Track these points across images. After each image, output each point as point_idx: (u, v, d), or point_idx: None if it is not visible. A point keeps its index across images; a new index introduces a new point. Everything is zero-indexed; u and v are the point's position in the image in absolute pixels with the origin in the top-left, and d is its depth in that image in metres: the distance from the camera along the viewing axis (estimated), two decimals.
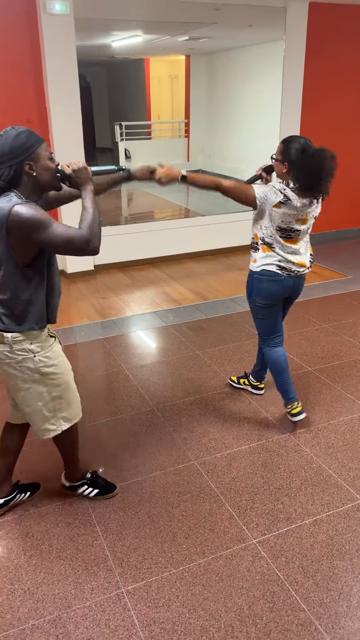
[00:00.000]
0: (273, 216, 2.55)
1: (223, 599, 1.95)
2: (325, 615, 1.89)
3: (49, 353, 2.06)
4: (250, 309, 2.88)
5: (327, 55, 5.90)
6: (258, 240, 2.66)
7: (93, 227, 1.86)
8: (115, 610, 1.92)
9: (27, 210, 1.79)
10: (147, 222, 6.89)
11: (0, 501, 2.34)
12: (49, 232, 1.81)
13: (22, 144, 1.84)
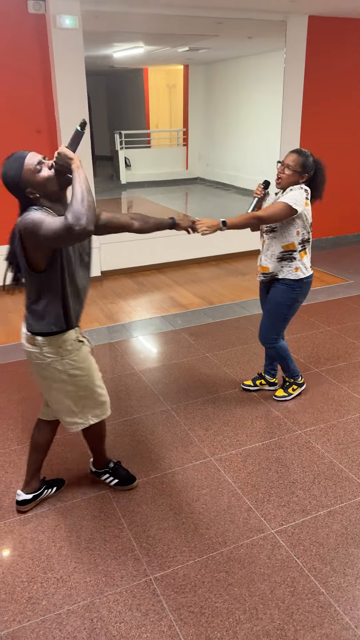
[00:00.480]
0: (306, 216, 2.76)
1: (246, 584, 2.07)
2: (343, 599, 2.00)
3: (76, 357, 2.17)
4: (275, 314, 3.01)
5: (327, 67, 6.07)
6: (295, 248, 2.83)
7: (76, 210, 1.74)
8: (145, 595, 2.03)
9: (31, 216, 1.85)
10: None
11: (30, 497, 2.45)
12: (43, 229, 1.81)
13: (11, 181, 1.91)
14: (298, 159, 2.69)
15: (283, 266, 2.86)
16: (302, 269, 2.89)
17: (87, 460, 2.75)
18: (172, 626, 1.91)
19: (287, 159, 2.73)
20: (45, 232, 1.82)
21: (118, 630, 1.90)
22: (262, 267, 2.98)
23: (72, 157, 1.85)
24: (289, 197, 2.70)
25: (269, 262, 2.89)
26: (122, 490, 2.57)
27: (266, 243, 2.89)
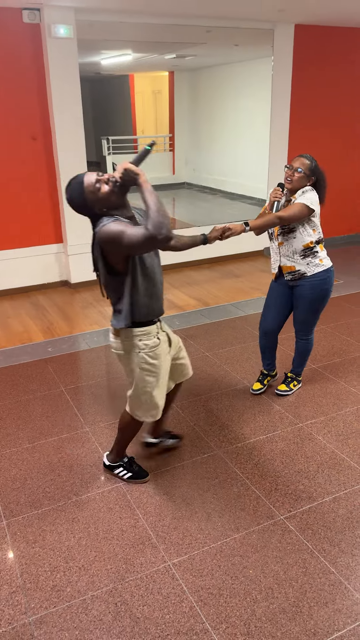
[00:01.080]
0: (318, 214, 2.93)
1: (261, 566, 2.18)
2: (353, 577, 2.12)
3: (151, 353, 2.36)
4: (313, 309, 3.14)
5: (313, 74, 6.26)
6: (313, 245, 2.98)
7: (156, 221, 1.94)
8: (165, 580, 2.13)
9: (109, 227, 2.05)
10: None
11: (154, 440, 2.85)
12: (126, 239, 2.02)
13: (78, 205, 2.13)
14: (307, 163, 2.85)
15: (309, 263, 3.00)
16: (324, 259, 3.06)
17: (97, 458, 2.85)
18: (193, 607, 2.01)
19: (297, 163, 2.87)
20: (129, 242, 2.01)
21: (142, 613, 1.99)
22: (286, 267, 3.07)
23: (139, 172, 2.04)
24: (305, 198, 2.86)
25: (293, 261, 3.01)
26: (134, 484, 2.66)
27: (284, 245, 3.01)
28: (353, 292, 5.30)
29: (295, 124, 6.33)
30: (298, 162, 2.87)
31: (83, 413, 3.30)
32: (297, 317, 3.21)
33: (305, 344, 3.30)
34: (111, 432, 3.09)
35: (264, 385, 3.49)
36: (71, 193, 2.13)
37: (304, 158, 2.88)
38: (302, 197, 2.88)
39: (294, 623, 1.94)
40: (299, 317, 3.19)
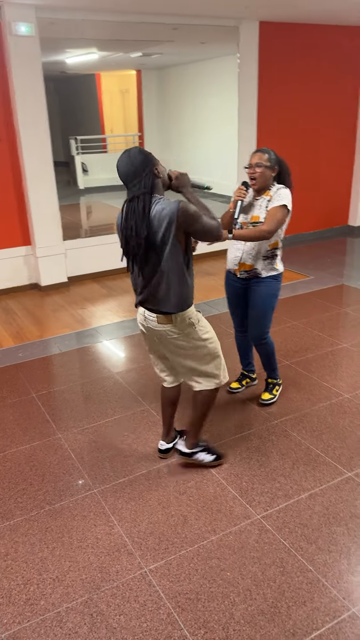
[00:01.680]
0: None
1: (238, 568, 2.16)
2: (330, 574, 2.12)
3: (203, 323, 2.50)
4: (266, 309, 3.09)
5: (279, 70, 6.27)
6: (278, 245, 2.97)
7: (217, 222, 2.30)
8: (141, 587, 2.09)
9: (189, 206, 2.21)
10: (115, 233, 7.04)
11: (170, 445, 2.81)
12: (203, 223, 2.24)
13: (147, 154, 2.23)
14: (263, 156, 2.82)
15: (266, 265, 2.96)
16: (279, 264, 3.04)
17: (70, 465, 2.79)
18: (171, 613, 1.98)
19: (254, 160, 2.84)
20: (203, 226, 2.25)
21: (118, 622, 1.95)
22: (246, 265, 2.99)
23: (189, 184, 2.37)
24: (282, 199, 2.82)
25: (254, 260, 2.96)
26: (108, 491, 2.61)
27: (250, 243, 2.95)
28: (323, 287, 5.34)
29: (263, 120, 6.34)
30: (256, 158, 2.83)
31: (55, 419, 3.24)
32: (253, 320, 3.14)
33: (265, 347, 3.21)
34: (85, 437, 3.04)
35: (242, 385, 3.47)
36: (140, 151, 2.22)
37: (260, 152, 2.85)
38: (279, 199, 2.83)
39: (273, 624, 1.92)
40: (255, 319, 3.12)
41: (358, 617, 1.93)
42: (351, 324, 4.47)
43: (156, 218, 2.20)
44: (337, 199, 7.42)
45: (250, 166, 2.85)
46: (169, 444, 2.83)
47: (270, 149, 2.90)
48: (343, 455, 2.80)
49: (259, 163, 2.82)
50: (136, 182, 2.19)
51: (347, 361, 3.82)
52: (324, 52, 6.50)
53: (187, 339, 2.43)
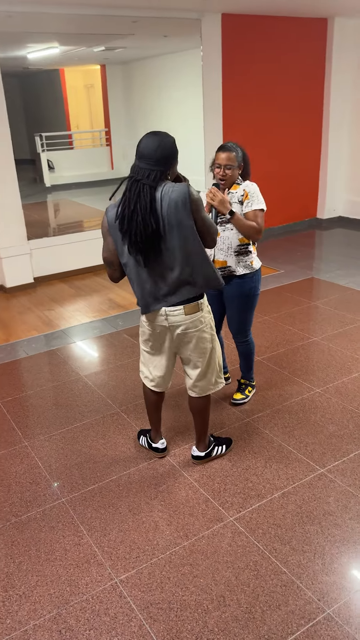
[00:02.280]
0: None
1: (211, 574, 2.10)
2: (304, 575, 2.08)
3: (208, 313, 2.46)
4: (244, 308, 3.03)
5: (243, 62, 6.22)
6: (248, 242, 2.89)
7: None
8: (112, 599, 2.02)
9: (195, 192, 2.16)
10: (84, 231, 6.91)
11: (162, 446, 2.79)
12: (205, 215, 2.21)
13: (173, 155, 2.17)
14: (232, 155, 2.75)
15: (240, 261, 2.89)
16: (255, 260, 2.96)
17: (38, 475, 2.70)
18: (142, 625, 1.91)
19: (223, 160, 2.74)
20: (205, 219, 2.22)
21: (88, 638, 1.88)
22: (219, 262, 2.91)
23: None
24: (259, 202, 2.79)
25: (226, 256, 2.89)
26: (77, 500, 2.53)
27: (220, 237, 2.87)
28: (293, 281, 5.33)
29: (228, 114, 6.29)
30: (224, 159, 2.75)
31: (21, 427, 3.13)
32: (231, 319, 3.10)
33: (246, 346, 3.18)
34: (52, 444, 2.94)
35: None
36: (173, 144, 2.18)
37: (227, 152, 2.75)
38: (256, 201, 2.79)
39: (247, 631, 1.88)
40: (232, 318, 3.08)
41: (333, 619, 1.90)
42: (321, 317, 4.47)
43: (164, 201, 2.11)
44: (306, 192, 7.43)
45: (220, 167, 2.78)
46: (163, 440, 2.83)
47: (234, 143, 2.83)
48: (315, 452, 2.78)
49: (229, 165, 2.76)
50: (149, 171, 2.11)
51: (318, 355, 3.81)
52: (288, 44, 6.48)
53: (208, 327, 2.43)
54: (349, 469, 2.63)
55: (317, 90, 6.98)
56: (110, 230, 2.25)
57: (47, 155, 11.41)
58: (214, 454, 2.74)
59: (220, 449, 2.77)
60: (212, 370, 2.53)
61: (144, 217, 2.10)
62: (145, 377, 2.64)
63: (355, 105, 7.10)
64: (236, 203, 2.80)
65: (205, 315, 2.41)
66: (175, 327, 2.37)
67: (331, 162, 7.31)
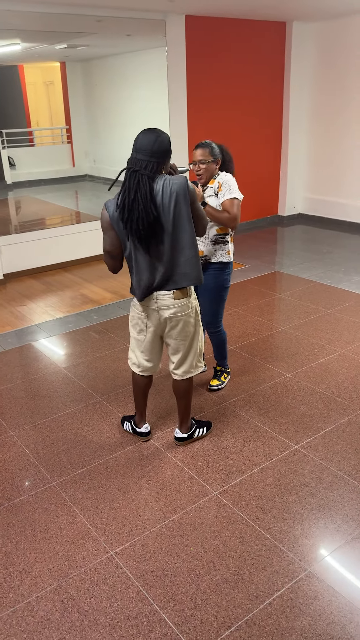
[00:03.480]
0: None
1: (200, 542, 2.26)
2: (286, 539, 2.27)
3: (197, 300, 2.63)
4: (216, 300, 3.17)
5: (207, 63, 6.41)
6: (227, 232, 3.03)
7: None
8: (109, 570, 2.15)
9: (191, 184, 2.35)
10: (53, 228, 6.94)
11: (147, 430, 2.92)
12: (198, 205, 2.41)
13: (169, 150, 2.33)
14: (205, 151, 2.90)
15: (217, 250, 3.05)
16: (231, 252, 3.11)
17: (26, 462, 2.79)
18: (140, 591, 2.05)
19: (198, 156, 2.90)
20: (199, 210, 2.42)
21: (90, 605, 2.00)
22: None
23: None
24: (232, 191, 2.91)
25: (203, 245, 3.04)
26: (67, 483, 2.64)
27: None
28: (259, 275, 5.55)
29: (193, 113, 6.46)
30: (198, 155, 2.90)
31: (5, 417, 3.20)
32: (202, 310, 3.21)
33: (218, 336, 3.33)
34: (38, 433, 3.03)
35: None
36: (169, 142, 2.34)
37: (201, 148, 2.90)
38: (229, 191, 2.92)
39: (237, 590, 2.04)
40: (204, 309, 3.19)
41: (314, 576, 2.09)
42: (287, 308, 4.70)
43: (164, 192, 2.28)
44: (267, 190, 7.70)
45: (194, 163, 2.93)
46: (147, 425, 2.95)
47: (211, 141, 2.99)
48: (289, 430, 2.98)
49: (202, 160, 2.90)
50: (146, 163, 2.28)
51: (286, 343, 4.02)
52: (249, 47, 6.70)
53: (194, 312, 2.57)
54: (320, 445, 2.84)
55: (277, 92, 7.25)
56: (112, 224, 2.38)
57: (7, 152, 11.29)
58: (195, 436, 2.90)
59: (201, 430, 2.93)
60: (193, 353, 2.68)
61: (145, 205, 2.25)
62: (133, 364, 2.78)
63: (312, 107, 7.40)
64: (213, 196, 2.96)
65: (192, 300, 2.57)
66: (165, 310, 2.51)
67: (291, 162, 7.60)
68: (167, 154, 2.34)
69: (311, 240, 6.89)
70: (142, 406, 2.90)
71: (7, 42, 7.80)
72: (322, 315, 4.48)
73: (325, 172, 7.53)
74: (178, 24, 6.02)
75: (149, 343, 2.67)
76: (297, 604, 1.98)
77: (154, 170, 2.30)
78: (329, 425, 3.01)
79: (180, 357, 2.68)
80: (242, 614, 1.95)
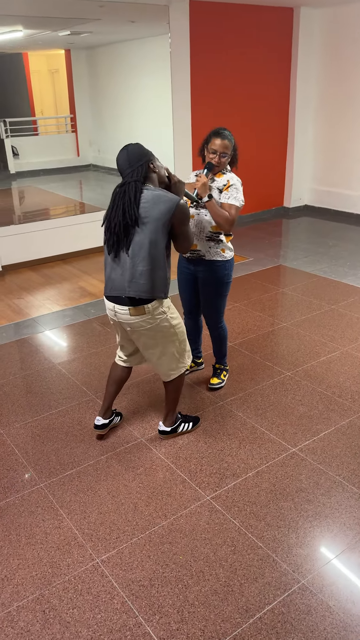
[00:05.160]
0: None
1: (190, 551, 2.17)
2: (279, 548, 2.17)
3: (172, 309, 2.58)
4: (217, 294, 3.07)
5: (211, 49, 6.24)
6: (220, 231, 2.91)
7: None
8: (93, 579, 2.07)
9: (186, 208, 2.40)
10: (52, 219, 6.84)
11: (106, 421, 2.84)
12: (188, 229, 2.48)
13: (143, 149, 2.38)
14: (227, 144, 2.79)
15: (211, 247, 2.93)
16: (227, 250, 2.99)
17: (14, 461, 2.71)
18: (125, 602, 1.97)
19: (219, 147, 2.78)
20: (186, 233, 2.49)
21: (72, 616, 1.92)
22: None
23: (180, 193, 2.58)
24: (238, 198, 2.84)
25: (197, 239, 2.92)
26: (55, 485, 2.56)
27: (195, 218, 2.91)
28: (262, 269, 5.43)
29: (197, 102, 6.30)
30: (222, 146, 2.78)
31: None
32: (204, 305, 3.15)
33: (219, 332, 3.24)
34: (28, 431, 2.95)
35: (188, 369, 3.47)
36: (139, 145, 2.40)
37: (226, 140, 2.79)
38: (235, 195, 2.83)
39: (226, 603, 1.95)
40: (205, 304, 3.12)
41: (307, 588, 1.99)
42: (289, 303, 4.57)
43: (150, 201, 2.32)
44: (273, 181, 7.54)
45: (215, 152, 2.80)
46: (106, 420, 2.86)
47: (225, 129, 2.86)
48: (287, 432, 2.87)
49: (224, 153, 2.81)
50: (130, 172, 2.35)
51: (287, 340, 3.91)
52: (254, 33, 6.52)
53: (159, 327, 2.51)
54: (319, 448, 2.74)
55: (284, 80, 7.07)
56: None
57: (11, 141, 11.17)
58: (179, 430, 2.86)
59: (187, 425, 2.88)
60: (168, 359, 2.64)
61: (125, 208, 2.33)
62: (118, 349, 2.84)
63: (320, 96, 7.22)
64: (216, 190, 2.85)
65: (155, 317, 2.48)
66: (124, 323, 2.53)
67: (297, 152, 7.43)
68: (144, 155, 2.37)
69: (317, 232, 6.74)
70: (108, 396, 2.85)
71: (8, 29, 7.66)
72: (326, 311, 4.36)
73: (333, 163, 7.36)
74: (182, 9, 5.85)
75: (122, 341, 2.75)
76: (288, 619, 1.89)
77: (140, 174, 2.36)
78: (329, 427, 2.91)
79: (153, 365, 2.70)
80: (230, 628, 1.86)
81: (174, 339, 2.59)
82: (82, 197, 10.00)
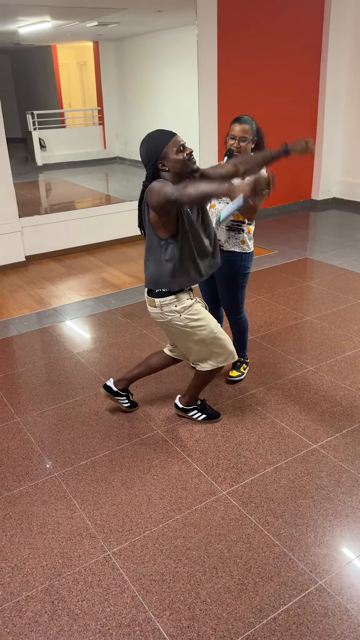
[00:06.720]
0: None
1: (204, 546, 2.11)
2: (297, 547, 2.09)
3: (193, 310, 2.48)
4: (234, 286, 2.99)
5: (239, 40, 6.11)
6: (244, 220, 2.84)
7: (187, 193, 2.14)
8: (104, 571, 2.02)
9: (156, 183, 2.21)
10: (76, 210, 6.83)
11: (115, 389, 2.86)
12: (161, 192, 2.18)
13: (152, 148, 2.23)
14: (246, 128, 2.71)
15: (230, 237, 2.85)
16: (247, 242, 2.90)
17: (30, 450, 2.69)
18: (135, 596, 1.92)
19: (237, 132, 2.70)
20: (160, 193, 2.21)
21: (81, 609, 1.88)
22: None
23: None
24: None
25: (218, 228, 2.85)
26: (69, 474, 2.52)
27: (216, 207, 2.84)
28: (287, 261, 5.30)
29: (223, 91, 6.19)
30: (240, 131, 2.71)
31: (13, 403, 3.11)
32: (222, 297, 3.08)
33: (239, 324, 3.15)
34: (45, 420, 2.93)
35: None
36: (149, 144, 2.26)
37: (244, 124, 2.71)
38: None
39: (240, 601, 1.88)
40: (224, 295, 3.05)
41: (325, 590, 1.91)
42: (315, 297, 4.45)
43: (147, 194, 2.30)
44: (300, 173, 7.37)
45: (234, 138, 2.73)
46: (116, 388, 2.87)
47: (252, 118, 2.79)
48: (308, 427, 2.78)
49: (244, 137, 2.73)
50: (145, 171, 2.32)
51: (311, 334, 3.80)
52: (284, 19, 6.36)
53: (172, 324, 2.49)
54: (341, 445, 2.64)
55: (314, 68, 6.89)
56: None
57: (39, 133, 11.23)
58: (190, 414, 2.87)
59: (199, 414, 2.86)
60: (195, 353, 2.60)
61: (139, 207, 2.41)
62: None
63: (351, 84, 7.01)
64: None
65: (165, 314, 2.48)
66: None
67: (326, 143, 7.25)
68: (150, 158, 2.26)
69: (345, 226, 6.57)
70: (135, 371, 2.86)
71: (36, 20, 7.67)
72: (352, 305, 4.22)
73: None
74: None
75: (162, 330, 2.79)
76: (304, 620, 1.81)
77: (149, 178, 2.31)
78: (352, 424, 2.80)
79: (187, 353, 2.67)
80: (243, 628, 1.79)
81: (196, 339, 2.52)
82: (108, 189, 9.97)
